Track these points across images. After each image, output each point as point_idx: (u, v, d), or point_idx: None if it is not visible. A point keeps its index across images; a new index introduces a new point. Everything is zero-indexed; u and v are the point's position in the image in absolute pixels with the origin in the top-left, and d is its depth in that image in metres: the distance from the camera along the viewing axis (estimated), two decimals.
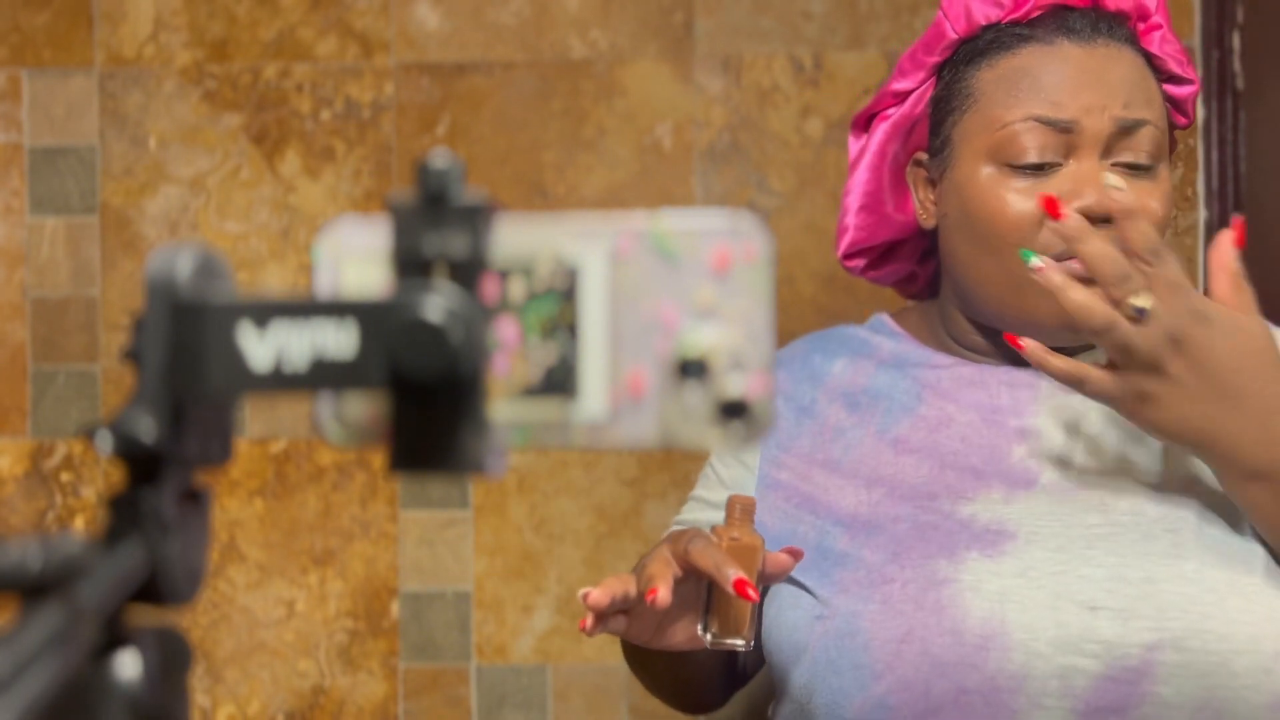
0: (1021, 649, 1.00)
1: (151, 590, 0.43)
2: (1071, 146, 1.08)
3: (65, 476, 2.13)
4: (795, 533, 1.11)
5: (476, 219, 0.43)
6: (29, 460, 2.14)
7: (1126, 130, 1.08)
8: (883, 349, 1.20)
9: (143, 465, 0.43)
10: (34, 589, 0.39)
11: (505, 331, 0.44)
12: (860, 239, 1.22)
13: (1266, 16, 2.03)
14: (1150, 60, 1.13)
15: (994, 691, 1.00)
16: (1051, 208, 0.99)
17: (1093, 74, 1.08)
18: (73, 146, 2.14)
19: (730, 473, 1.19)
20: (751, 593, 0.93)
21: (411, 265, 0.43)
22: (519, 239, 0.44)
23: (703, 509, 1.20)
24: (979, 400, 1.13)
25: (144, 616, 0.44)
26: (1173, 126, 1.16)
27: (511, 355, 0.44)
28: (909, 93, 1.17)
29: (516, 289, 0.44)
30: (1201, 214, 2.06)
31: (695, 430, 0.44)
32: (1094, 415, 1.12)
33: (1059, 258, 1.06)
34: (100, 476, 2.13)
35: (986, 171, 1.10)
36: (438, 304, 0.42)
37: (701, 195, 2.09)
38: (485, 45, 2.12)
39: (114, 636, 0.43)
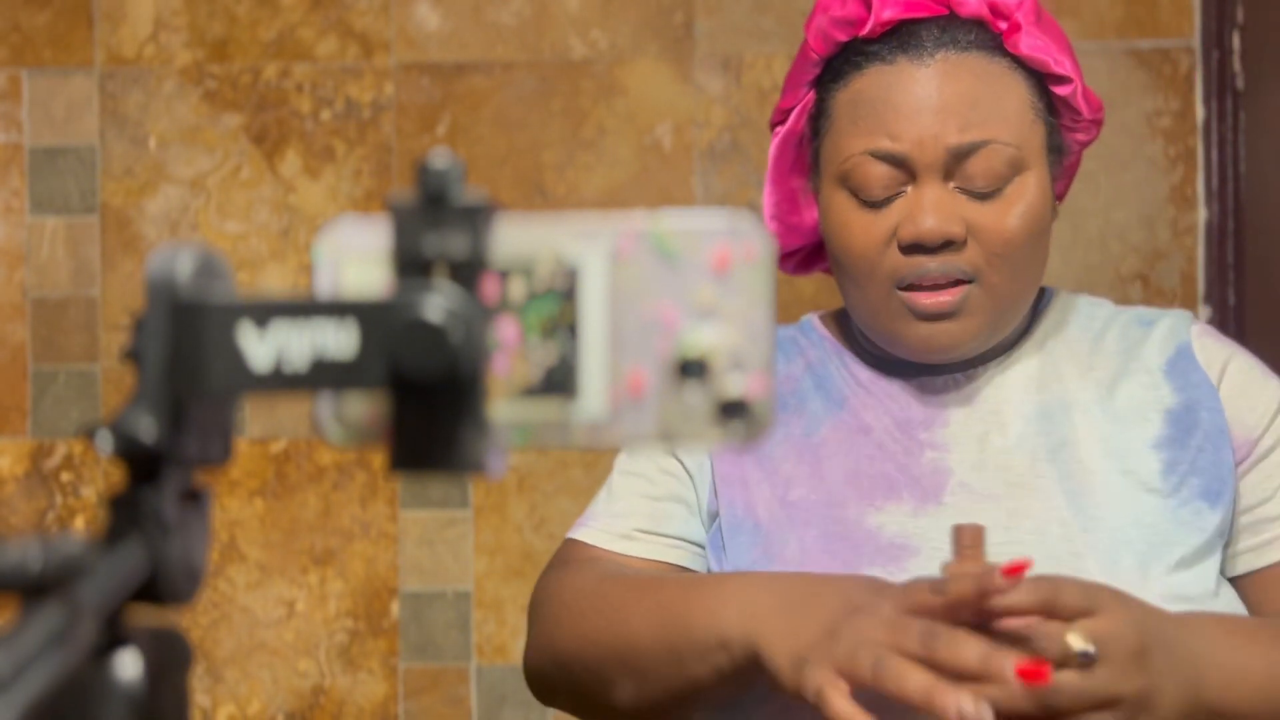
0: None
1: (151, 590, 0.43)
2: (911, 173, 1.07)
3: (65, 476, 2.13)
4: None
5: (476, 219, 0.43)
6: (29, 460, 2.14)
7: (963, 155, 1.06)
8: (809, 353, 1.20)
9: (143, 465, 0.43)
10: (34, 589, 0.39)
11: (505, 331, 0.44)
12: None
13: (1266, 16, 2.03)
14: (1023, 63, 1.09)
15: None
16: (1032, 676, 0.92)
17: (927, 99, 1.07)
18: (73, 146, 2.14)
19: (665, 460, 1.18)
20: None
21: (411, 265, 0.43)
22: (519, 239, 0.44)
23: (636, 480, 1.18)
24: (893, 410, 1.14)
25: (144, 616, 0.44)
26: (1076, 125, 1.13)
27: (511, 355, 0.44)
28: (790, 109, 1.17)
29: (516, 289, 0.44)
30: (1202, 214, 2.06)
31: (695, 430, 0.44)
32: (1005, 429, 1.12)
33: (910, 286, 1.06)
34: (100, 476, 2.13)
35: (839, 198, 1.10)
36: (438, 304, 0.42)
37: (701, 195, 2.09)
38: (485, 45, 2.12)
39: (114, 636, 0.43)
